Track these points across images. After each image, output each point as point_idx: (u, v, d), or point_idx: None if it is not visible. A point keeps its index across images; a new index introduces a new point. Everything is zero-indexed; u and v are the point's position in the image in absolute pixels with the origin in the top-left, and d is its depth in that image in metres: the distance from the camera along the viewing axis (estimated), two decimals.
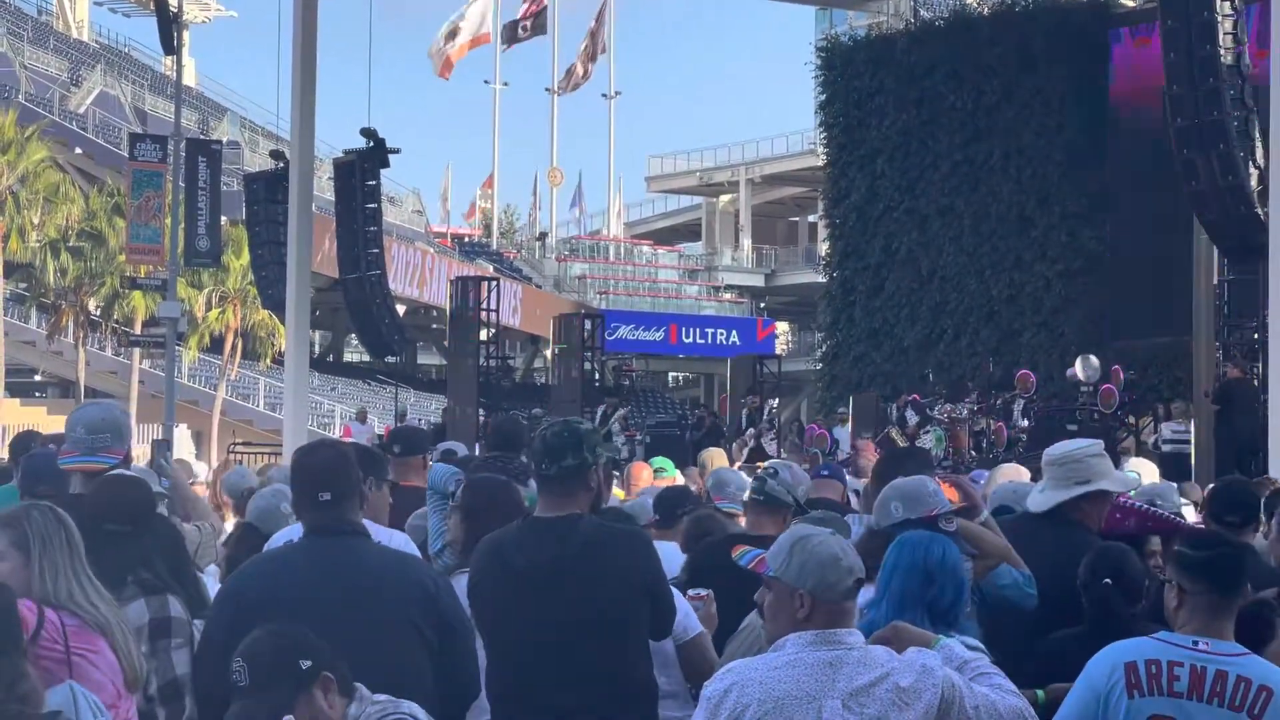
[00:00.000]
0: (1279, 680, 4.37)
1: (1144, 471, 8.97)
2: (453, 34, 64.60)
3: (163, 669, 5.10)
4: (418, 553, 5.74)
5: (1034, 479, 7.57)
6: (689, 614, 5.61)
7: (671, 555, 6.61)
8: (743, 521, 7.44)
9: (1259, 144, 18.15)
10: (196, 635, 5.17)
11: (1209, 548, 4.67)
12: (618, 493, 9.53)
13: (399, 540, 5.73)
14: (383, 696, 3.93)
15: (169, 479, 7.15)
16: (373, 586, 4.73)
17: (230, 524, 8.50)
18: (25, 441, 9.03)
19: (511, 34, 67.25)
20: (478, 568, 5.42)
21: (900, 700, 3.94)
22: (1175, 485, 8.46)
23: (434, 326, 56.83)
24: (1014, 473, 8.71)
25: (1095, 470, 6.22)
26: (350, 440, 15.36)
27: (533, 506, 5.55)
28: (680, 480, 10.51)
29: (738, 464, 20.56)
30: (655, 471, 10.33)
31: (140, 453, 11.94)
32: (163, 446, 9.32)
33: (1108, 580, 5.51)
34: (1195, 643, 4.41)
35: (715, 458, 9.89)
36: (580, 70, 68.64)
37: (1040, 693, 5.00)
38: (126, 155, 35.96)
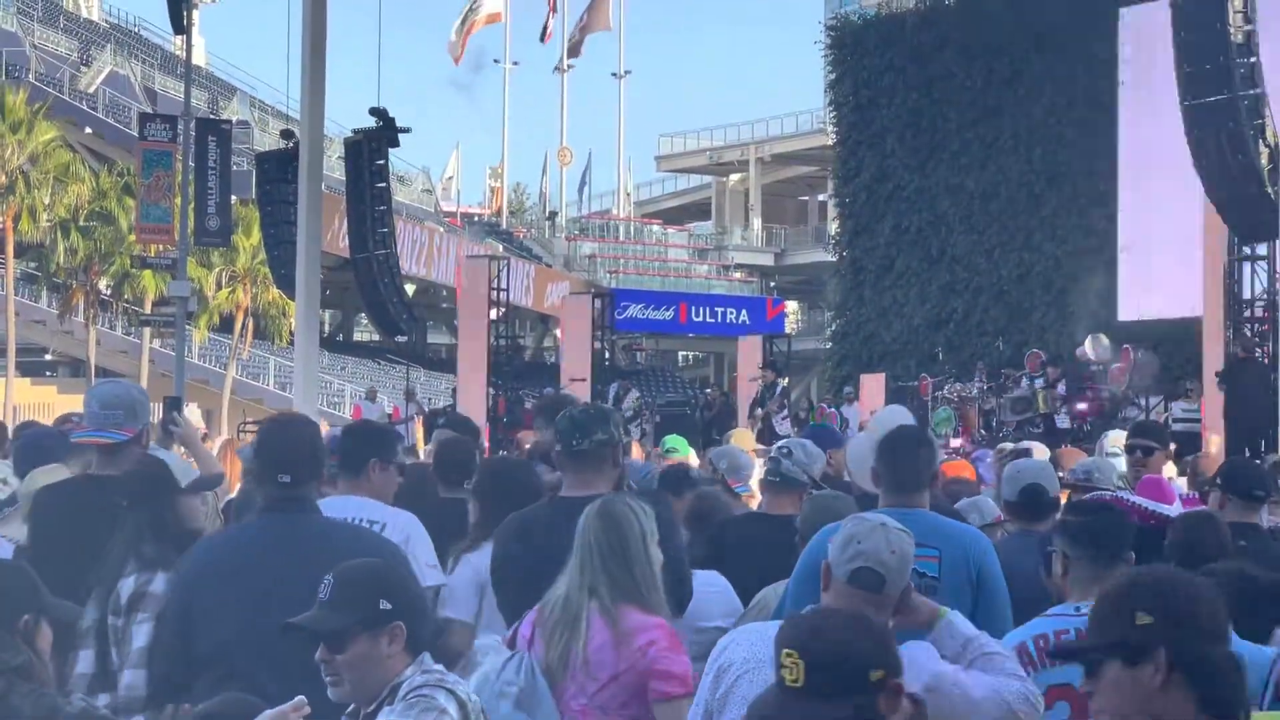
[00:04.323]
0: None
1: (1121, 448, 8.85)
2: (465, 20, 64.62)
3: (130, 639, 5.22)
4: (424, 534, 5.71)
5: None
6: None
7: None
8: (754, 503, 7.44)
9: (1269, 122, 18.08)
10: None
11: (1090, 513, 4.76)
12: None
13: (404, 520, 5.71)
14: (439, 667, 3.97)
15: (180, 428, 7.25)
16: (317, 558, 4.54)
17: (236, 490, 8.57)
18: (26, 426, 9.18)
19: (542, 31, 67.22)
20: (503, 547, 5.45)
21: None
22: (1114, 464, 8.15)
23: (443, 305, 56.80)
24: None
25: None
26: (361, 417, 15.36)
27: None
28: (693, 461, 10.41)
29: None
30: (667, 451, 10.27)
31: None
32: (174, 403, 9.40)
33: None
34: (1078, 608, 4.45)
35: (741, 438, 9.74)
36: (574, 38, 68.32)
37: None
38: (137, 135, 35.92)
